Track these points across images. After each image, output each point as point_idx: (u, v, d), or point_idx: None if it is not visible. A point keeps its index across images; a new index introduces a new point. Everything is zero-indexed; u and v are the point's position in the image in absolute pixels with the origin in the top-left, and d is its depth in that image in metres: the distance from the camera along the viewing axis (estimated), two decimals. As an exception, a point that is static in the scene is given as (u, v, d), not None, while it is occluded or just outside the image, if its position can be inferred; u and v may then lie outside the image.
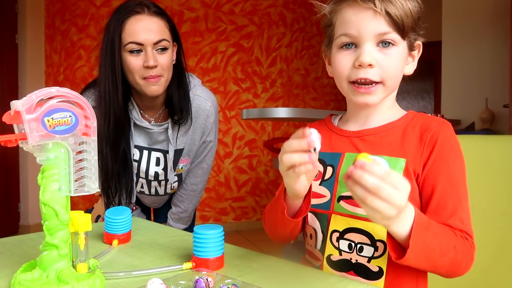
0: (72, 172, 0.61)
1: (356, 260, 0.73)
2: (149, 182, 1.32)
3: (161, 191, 1.35)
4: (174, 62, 1.20)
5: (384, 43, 0.69)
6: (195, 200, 1.43)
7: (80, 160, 0.63)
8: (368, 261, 0.72)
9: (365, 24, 0.68)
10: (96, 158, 0.64)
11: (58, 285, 0.58)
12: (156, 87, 1.14)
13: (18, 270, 0.63)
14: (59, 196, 0.60)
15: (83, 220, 0.63)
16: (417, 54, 0.76)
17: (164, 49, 1.13)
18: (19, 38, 3.59)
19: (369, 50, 0.68)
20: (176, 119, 1.22)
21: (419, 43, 0.75)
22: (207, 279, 0.57)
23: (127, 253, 0.80)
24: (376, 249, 0.71)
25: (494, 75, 3.17)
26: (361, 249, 0.72)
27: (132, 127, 1.22)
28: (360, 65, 0.69)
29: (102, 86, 1.14)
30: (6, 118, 0.58)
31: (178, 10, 3.61)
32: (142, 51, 1.10)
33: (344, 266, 0.74)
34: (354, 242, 0.73)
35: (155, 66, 1.11)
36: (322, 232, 0.78)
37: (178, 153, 1.29)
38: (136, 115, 1.21)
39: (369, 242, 0.71)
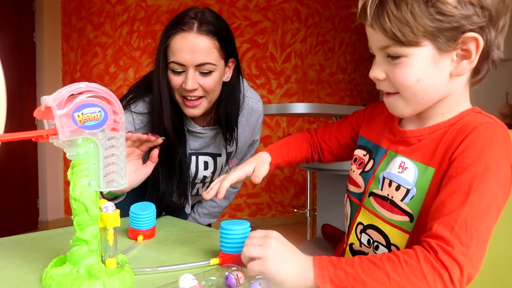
0: (102, 168, 0.61)
1: None
2: (193, 185, 1.29)
3: (202, 191, 1.33)
4: (228, 80, 1.13)
5: (393, 55, 0.65)
6: (232, 197, 1.44)
7: (110, 156, 0.64)
8: None
9: (370, 38, 0.68)
10: (125, 153, 0.64)
11: (89, 280, 0.58)
12: (193, 110, 1.08)
13: (48, 265, 0.63)
14: (89, 192, 0.61)
15: (112, 216, 0.63)
16: (473, 49, 0.61)
17: (208, 72, 1.04)
18: (37, 36, 3.63)
19: (377, 63, 0.68)
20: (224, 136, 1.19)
21: (469, 36, 0.60)
22: (237, 275, 0.57)
23: (153, 249, 0.80)
24: (390, 251, 0.71)
25: (514, 69, 3.10)
26: (376, 248, 0.73)
27: (186, 134, 1.18)
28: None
29: (154, 99, 1.09)
30: (37, 113, 0.59)
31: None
32: (184, 71, 1.04)
33: None
34: (372, 239, 0.74)
35: (195, 89, 1.04)
36: (350, 219, 0.80)
37: (228, 155, 1.27)
38: (188, 121, 1.18)
39: (384, 243, 0.72)
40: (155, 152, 0.99)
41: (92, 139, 0.61)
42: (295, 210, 2.86)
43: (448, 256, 0.54)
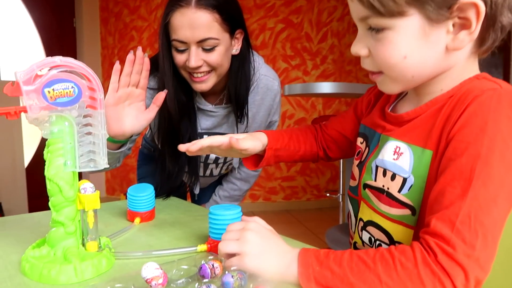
0: (77, 147, 0.58)
1: None
2: (206, 165, 1.27)
3: (216, 172, 1.31)
4: (237, 52, 1.07)
5: (375, 28, 0.55)
6: (252, 181, 1.39)
7: (89, 133, 0.60)
8: None
9: (350, 8, 0.58)
10: (104, 132, 0.61)
11: (61, 264, 0.56)
12: (201, 85, 1.04)
13: (30, 246, 0.62)
14: (64, 172, 0.58)
15: (90, 198, 0.60)
16: (473, 17, 0.50)
17: (211, 48, 0.99)
18: (77, 21, 3.72)
19: (359, 37, 0.58)
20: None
21: (465, 1, 0.49)
22: (213, 265, 0.52)
23: (146, 232, 0.77)
24: None
25: None
26: (379, 247, 0.64)
27: (196, 112, 1.15)
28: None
29: (160, 78, 1.07)
30: (7, 90, 0.56)
31: (226, -13, 3.54)
32: (187, 49, 1.00)
33: None
34: (374, 237, 0.64)
35: (199, 66, 1.01)
36: (355, 216, 0.71)
37: None
38: (199, 99, 1.14)
39: (387, 241, 0.62)
40: (161, 95, 0.97)
41: (66, 117, 0.57)
42: (328, 195, 2.78)
43: (449, 259, 0.46)
